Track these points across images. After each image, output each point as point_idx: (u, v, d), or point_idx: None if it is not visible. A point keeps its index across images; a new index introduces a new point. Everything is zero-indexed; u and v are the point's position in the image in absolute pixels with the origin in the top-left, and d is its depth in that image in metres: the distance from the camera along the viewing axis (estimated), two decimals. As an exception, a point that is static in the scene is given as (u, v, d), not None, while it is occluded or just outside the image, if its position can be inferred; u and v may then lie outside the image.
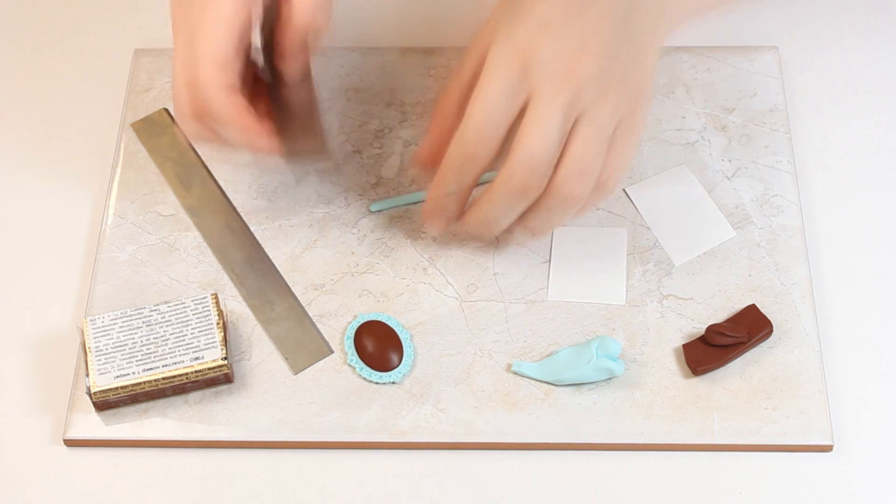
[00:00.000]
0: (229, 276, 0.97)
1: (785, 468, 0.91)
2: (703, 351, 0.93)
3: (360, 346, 0.94)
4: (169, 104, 1.04)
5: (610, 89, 0.89)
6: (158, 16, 1.10)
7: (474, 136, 0.89)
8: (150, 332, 0.92)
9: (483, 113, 0.89)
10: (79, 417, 0.92)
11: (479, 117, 0.89)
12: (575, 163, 0.89)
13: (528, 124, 0.88)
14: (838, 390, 0.93)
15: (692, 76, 1.05)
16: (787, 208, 0.99)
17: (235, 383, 0.93)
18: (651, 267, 0.97)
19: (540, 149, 0.88)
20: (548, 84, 0.88)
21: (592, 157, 0.89)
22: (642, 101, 0.91)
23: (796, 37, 1.08)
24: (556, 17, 0.88)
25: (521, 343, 0.94)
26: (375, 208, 0.98)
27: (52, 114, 1.06)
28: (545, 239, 0.98)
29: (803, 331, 0.94)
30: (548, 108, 0.88)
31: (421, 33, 1.09)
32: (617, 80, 0.89)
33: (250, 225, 1.00)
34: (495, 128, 0.89)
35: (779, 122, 1.03)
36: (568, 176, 0.89)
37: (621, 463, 0.91)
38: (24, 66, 1.08)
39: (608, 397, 0.92)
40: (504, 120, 0.89)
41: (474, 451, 0.92)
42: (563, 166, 0.89)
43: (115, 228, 0.99)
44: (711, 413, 0.91)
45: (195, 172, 1.02)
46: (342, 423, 0.92)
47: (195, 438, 0.92)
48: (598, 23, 0.88)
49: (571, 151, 0.89)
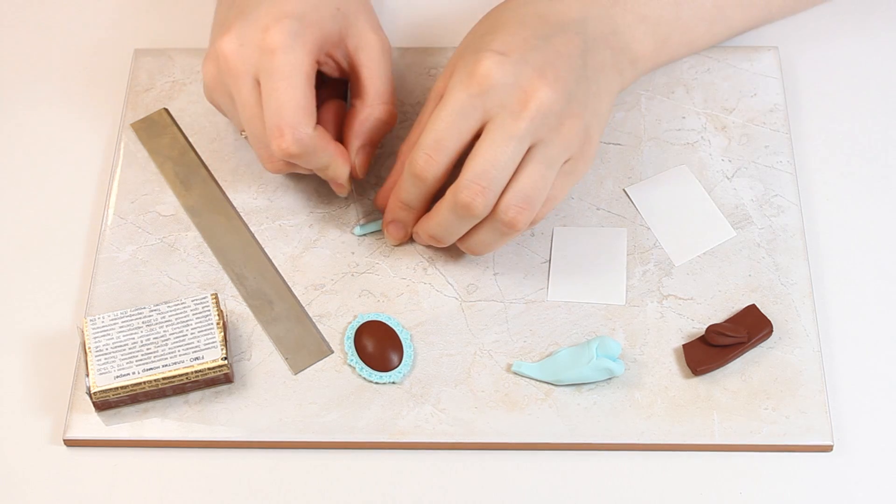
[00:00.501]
0: (229, 276, 0.97)
1: (785, 468, 0.91)
2: (703, 351, 0.93)
3: (360, 346, 0.94)
4: (169, 104, 1.04)
5: (565, 124, 0.90)
6: (158, 16, 1.10)
7: (423, 157, 0.91)
8: (150, 332, 0.92)
9: (435, 134, 0.91)
10: (79, 417, 0.92)
11: (430, 139, 0.91)
12: (522, 191, 0.90)
13: (481, 146, 0.90)
14: (838, 390, 0.93)
15: (692, 76, 1.05)
16: (787, 208, 0.99)
17: (235, 383, 0.93)
18: (651, 267, 0.97)
19: (491, 170, 0.89)
20: (505, 110, 0.90)
21: (539, 189, 0.91)
22: (590, 147, 0.93)
23: (796, 37, 1.08)
24: (514, 49, 0.90)
25: (521, 343, 0.94)
26: (359, 232, 0.99)
27: (53, 114, 1.06)
28: (545, 239, 0.98)
29: (803, 331, 0.94)
30: (503, 133, 0.89)
31: (421, 33, 1.09)
32: (572, 116, 0.91)
33: (250, 225, 1.00)
34: (446, 150, 0.91)
35: (779, 122, 1.03)
36: (513, 203, 0.90)
37: (621, 463, 0.91)
38: (24, 66, 1.08)
39: (608, 397, 0.92)
40: (456, 144, 0.91)
41: (474, 451, 0.92)
42: (509, 193, 0.90)
43: (115, 228, 0.99)
44: (711, 413, 0.91)
45: (195, 172, 1.02)
46: (342, 423, 0.92)
47: (195, 438, 0.92)
48: (555, 57, 0.91)
49: (521, 180, 0.90)
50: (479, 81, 0.89)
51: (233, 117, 0.96)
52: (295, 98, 0.91)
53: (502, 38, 0.91)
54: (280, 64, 0.91)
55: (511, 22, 0.93)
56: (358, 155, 0.96)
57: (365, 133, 0.96)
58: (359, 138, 0.96)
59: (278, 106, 0.91)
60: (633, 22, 0.97)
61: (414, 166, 0.91)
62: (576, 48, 0.92)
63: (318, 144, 0.92)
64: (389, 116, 0.96)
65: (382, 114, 0.96)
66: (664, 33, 0.99)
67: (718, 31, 1.03)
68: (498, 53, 0.90)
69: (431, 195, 0.94)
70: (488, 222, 0.92)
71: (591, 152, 0.93)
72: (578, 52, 0.92)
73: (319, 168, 0.94)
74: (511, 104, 0.89)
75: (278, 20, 0.91)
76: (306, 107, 0.91)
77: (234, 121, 0.97)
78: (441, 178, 0.92)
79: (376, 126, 0.96)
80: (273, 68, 0.91)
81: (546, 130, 0.90)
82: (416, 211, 0.95)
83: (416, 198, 0.94)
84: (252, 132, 0.94)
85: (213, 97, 0.97)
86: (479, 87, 0.89)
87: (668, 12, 0.99)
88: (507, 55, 0.90)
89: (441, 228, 0.93)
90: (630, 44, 0.97)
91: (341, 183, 0.96)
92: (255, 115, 0.93)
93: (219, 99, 0.96)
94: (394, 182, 0.96)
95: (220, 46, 0.93)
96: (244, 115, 0.94)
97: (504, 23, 0.93)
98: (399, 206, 0.95)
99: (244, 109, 0.93)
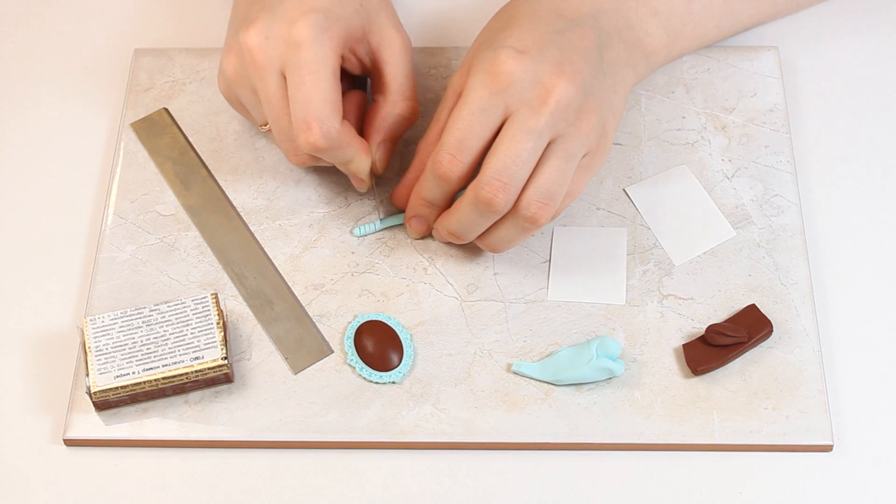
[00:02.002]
0: (229, 276, 0.97)
1: (785, 468, 0.91)
2: (703, 351, 0.93)
3: (360, 346, 0.94)
4: (169, 104, 1.04)
5: (582, 118, 0.91)
6: (158, 16, 1.10)
7: (447, 157, 0.91)
8: (150, 332, 0.92)
9: (458, 133, 0.91)
10: (79, 417, 0.92)
11: (453, 138, 0.91)
12: (543, 186, 0.91)
13: (501, 142, 0.90)
14: (838, 390, 0.93)
15: (692, 76, 1.05)
16: (787, 208, 0.99)
17: (235, 383, 0.93)
18: (651, 267, 0.97)
19: (512, 166, 0.90)
20: (524, 106, 0.90)
21: (560, 184, 0.91)
22: (606, 140, 0.93)
23: (796, 37, 1.08)
24: (532, 45, 0.91)
25: (521, 343, 0.94)
26: (359, 233, 0.99)
27: (52, 113, 1.06)
28: (545, 239, 0.98)
29: (803, 331, 0.94)
30: (523, 129, 0.90)
31: (421, 33, 1.09)
32: (590, 111, 0.91)
33: (250, 225, 1.00)
34: (469, 148, 0.91)
35: (779, 122, 1.03)
36: (535, 199, 0.91)
37: (621, 463, 0.91)
38: (24, 66, 1.08)
39: (608, 397, 0.92)
40: (478, 142, 0.91)
41: (474, 451, 0.92)
42: (531, 189, 0.91)
43: (115, 228, 0.99)
44: (711, 413, 0.91)
45: (195, 172, 1.02)
46: (342, 423, 0.92)
47: (195, 438, 0.92)
48: (572, 52, 0.91)
49: (542, 175, 0.91)
50: (500, 79, 0.90)
51: (254, 111, 0.96)
52: (322, 92, 0.91)
53: (518, 34, 0.92)
54: (307, 58, 0.91)
55: (526, 17, 0.93)
56: (379, 150, 0.97)
57: (386, 128, 0.96)
58: (380, 133, 0.96)
59: (306, 100, 0.91)
60: (646, 16, 0.97)
61: (438, 167, 0.92)
62: (591, 42, 0.93)
63: (344, 139, 0.93)
64: (411, 112, 0.97)
65: (404, 109, 0.96)
66: (676, 27, 0.99)
67: (728, 25, 1.03)
68: (516, 50, 0.90)
69: (454, 193, 0.94)
70: (509, 218, 0.92)
71: (608, 146, 0.94)
72: (594, 46, 0.93)
73: (343, 162, 0.95)
74: (531, 100, 0.90)
75: (305, 14, 0.92)
76: (333, 101, 0.92)
77: (256, 114, 0.97)
78: (465, 177, 0.92)
79: (398, 121, 0.97)
80: (300, 62, 0.91)
81: (565, 125, 0.90)
82: (439, 208, 0.96)
83: (439, 196, 0.94)
84: (277, 126, 0.94)
85: (233, 90, 0.97)
86: (499, 84, 0.90)
87: (679, 7, 0.99)
88: (525, 51, 0.90)
89: (461, 225, 0.93)
90: (643, 38, 0.97)
91: (362, 178, 0.96)
92: (280, 108, 0.93)
93: (240, 92, 0.96)
94: (412, 179, 0.97)
95: (246, 39, 0.93)
96: (269, 108, 0.94)
97: (519, 18, 0.93)
98: (421, 202, 0.95)
99: (269, 103, 0.93)
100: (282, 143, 0.95)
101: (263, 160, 1.02)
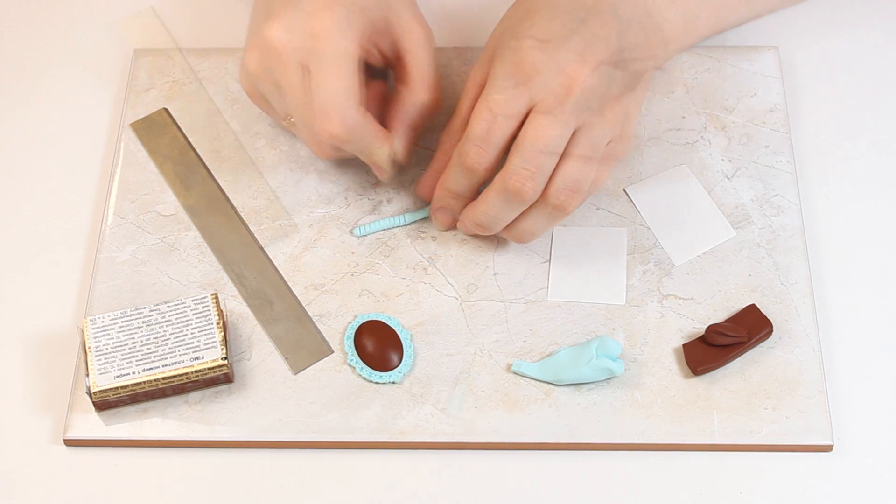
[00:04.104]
0: (229, 276, 0.97)
1: (785, 468, 0.91)
2: (703, 351, 0.93)
3: (360, 346, 0.94)
4: (169, 104, 1.04)
5: (606, 106, 0.91)
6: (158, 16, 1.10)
7: (474, 149, 0.92)
8: (150, 332, 0.92)
9: (484, 124, 0.91)
10: (79, 417, 0.92)
11: (479, 129, 0.91)
12: (570, 175, 0.91)
13: (528, 132, 0.90)
14: (838, 390, 0.93)
15: (692, 76, 1.05)
16: (787, 208, 0.99)
17: (235, 383, 0.93)
18: (651, 267, 0.97)
19: (539, 155, 0.90)
20: (550, 96, 0.90)
21: (587, 172, 0.92)
22: (629, 128, 0.94)
23: (796, 37, 1.08)
24: (554, 35, 0.91)
25: (521, 343, 0.94)
26: (359, 233, 0.99)
27: (52, 113, 1.06)
28: (545, 239, 0.98)
29: (803, 331, 0.94)
30: (549, 119, 0.90)
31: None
32: (613, 99, 0.92)
33: (250, 225, 1.00)
34: (496, 140, 0.91)
35: (779, 122, 1.03)
36: (562, 187, 0.91)
37: (621, 463, 0.91)
38: (24, 66, 1.08)
39: (608, 397, 0.92)
40: (504, 133, 0.91)
41: (474, 451, 0.92)
42: (558, 177, 0.91)
43: (115, 228, 0.99)
44: (711, 413, 0.91)
45: (195, 172, 1.02)
46: (342, 423, 0.92)
47: (195, 438, 0.92)
48: (593, 41, 0.91)
49: (568, 164, 0.91)
50: (524, 69, 0.90)
51: (277, 105, 0.96)
52: (344, 83, 0.92)
53: (540, 24, 0.92)
54: (329, 50, 0.91)
55: (546, 6, 0.93)
56: (401, 140, 0.97)
57: (409, 118, 0.97)
58: (402, 123, 0.97)
59: (327, 91, 0.91)
60: (665, 3, 0.97)
61: (465, 158, 0.92)
62: (612, 30, 0.93)
63: (364, 129, 0.93)
64: (434, 102, 0.97)
65: (426, 98, 0.97)
66: (693, 14, 0.99)
67: (742, 11, 1.04)
68: (539, 40, 0.91)
69: (481, 184, 0.94)
70: (537, 208, 0.93)
71: (631, 133, 0.94)
72: (615, 34, 0.93)
73: (364, 152, 0.95)
74: (555, 90, 0.90)
75: (328, 7, 0.92)
76: (354, 92, 0.92)
77: (279, 108, 0.97)
78: (491, 168, 0.93)
79: (420, 111, 0.97)
80: (322, 54, 0.91)
81: (589, 114, 0.91)
82: (465, 199, 0.96)
83: (465, 187, 0.95)
84: (301, 118, 0.94)
85: (256, 86, 0.97)
86: (523, 75, 0.90)
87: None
88: (547, 41, 0.91)
89: (489, 216, 0.94)
90: (662, 25, 0.97)
91: (384, 167, 0.96)
92: (303, 100, 0.93)
93: (263, 87, 0.96)
94: (436, 170, 0.97)
95: (268, 34, 0.93)
96: (292, 100, 0.94)
97: (539, 8, 0.93)
98: (448, 194, 0.96)
99: (292, 96, 0.94)
100: (305, 135, 0.95)
101: (263, 160, 1.02)
